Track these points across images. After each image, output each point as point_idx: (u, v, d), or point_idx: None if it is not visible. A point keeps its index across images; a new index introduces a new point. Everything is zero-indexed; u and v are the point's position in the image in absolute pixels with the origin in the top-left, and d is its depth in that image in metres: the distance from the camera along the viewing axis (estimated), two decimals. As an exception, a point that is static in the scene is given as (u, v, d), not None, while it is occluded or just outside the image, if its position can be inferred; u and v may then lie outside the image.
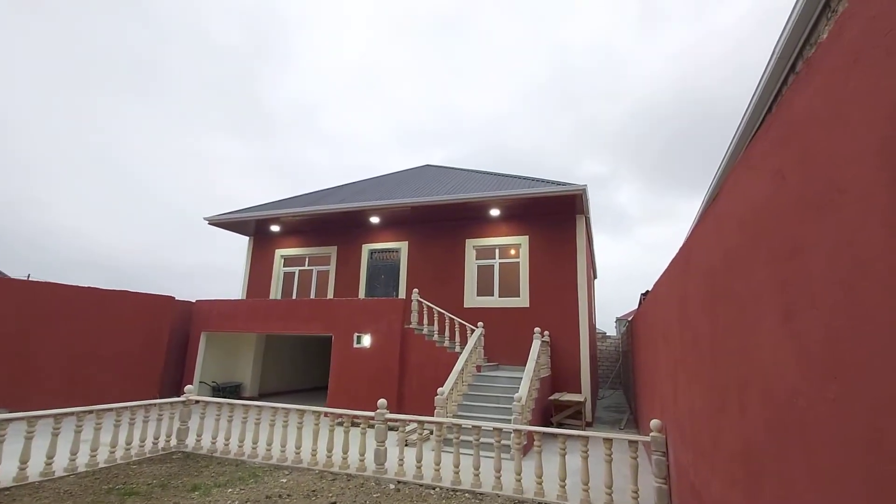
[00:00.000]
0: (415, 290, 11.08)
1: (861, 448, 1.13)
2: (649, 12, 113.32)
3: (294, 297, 14.36)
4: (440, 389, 7.79)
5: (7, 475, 5.10)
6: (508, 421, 7.44)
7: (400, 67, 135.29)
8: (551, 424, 9.14)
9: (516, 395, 7.22)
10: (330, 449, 6.15)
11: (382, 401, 6.29)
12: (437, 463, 5.68)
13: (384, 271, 13.56)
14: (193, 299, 12.89)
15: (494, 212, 12.06)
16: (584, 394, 10.25)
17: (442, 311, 10.77)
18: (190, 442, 7.00)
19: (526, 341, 9.72)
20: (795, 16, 3.67)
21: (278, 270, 14.95)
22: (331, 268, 14.20)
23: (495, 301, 11.92)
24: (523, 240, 12.00)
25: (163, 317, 11.64)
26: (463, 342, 10.44)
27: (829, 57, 1.36)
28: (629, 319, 16.76)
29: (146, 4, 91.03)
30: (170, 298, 11.91)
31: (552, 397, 9.60)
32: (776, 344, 1.68)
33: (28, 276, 9.89)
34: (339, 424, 8.11)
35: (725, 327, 2.36)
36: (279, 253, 15.03)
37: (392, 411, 7.66)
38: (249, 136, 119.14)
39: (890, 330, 1.01)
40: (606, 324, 27.15)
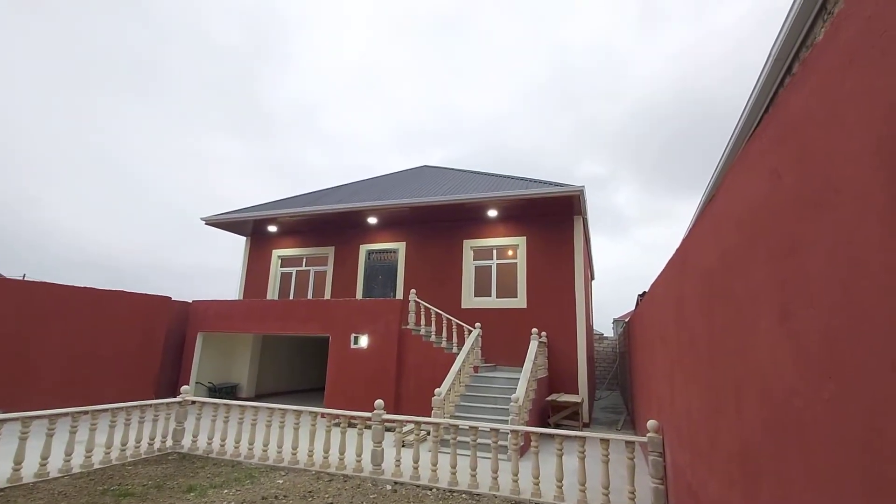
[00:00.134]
0: (412, 291, 11.07)
1: (858, 448, 1.13)
2: (649, 12, 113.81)
3: (291, 298, 14.33)
4: (437, 390, 7.78)
5: (1, 476, 5.07)
6: (506, 422, 7.43)
7: (400, 67, 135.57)
8: (548, 425, 9.14)
9: (513, 396, 7.22)
10: (326, 450, 6.14)
11: (379, 401, 6.28)
12: (434, 464, 5.68)
13: (382, 272, 13.54)
14: (191, 300, 12.87)
15: (492, 212, 12.06)
16: (582, 395, 10.26)
17: (439, 312, 10.76)
18: (186, 443, 6.97)
19: (523, 342, 9.72)
20: (792, 17, 3.68)
21: (275, 271, 14.92)
22: (328, 268, 14.18)
23: (493, 302, 11.93)
24: (521, 241, 12.01)
25: (159, 317, 11.60)
26: (460, 343, 10.44)
27: (825, 57, 1.36)
28: (626, 321, 16.79)
29: (146, 4, 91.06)
30: (166, 299, 11.87)
31: (549, 398, 9.60)
32: (773, 344, 1.68)
33: (24, 276, 9.82)
34: (336, 425, 8.09)
35: (722, 327, 2.36)
36: (276, 253, 15.00)
37: (389, 412, 7.64)
38: (249, 137, 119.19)
39: (887, 329, 1.01)
40: (604, 325, 27.21)
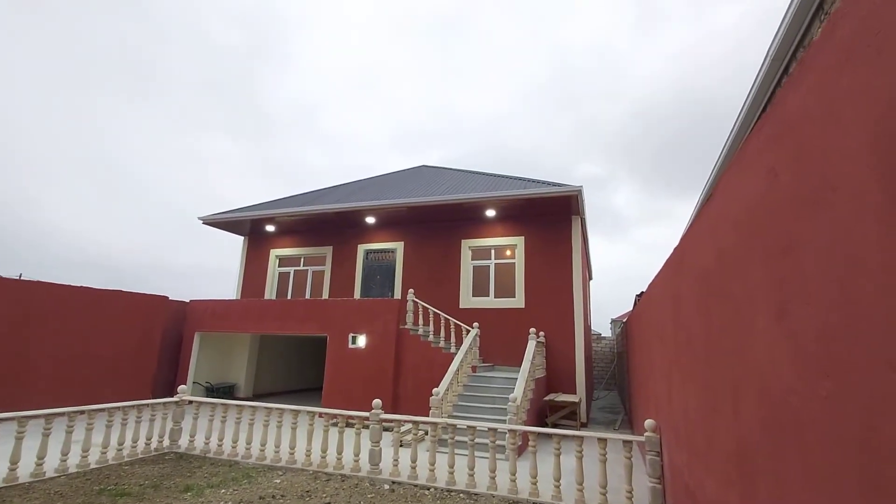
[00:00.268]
0: (410, 291, 11.06)
1: (855, 446, 1.13)
2: (649, 12, 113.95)
3: (289, 298, 14.30)
4: (435, 390, 7.78)
5: (-4, 476, 5.04)
6: (503, 421, 7.44)
7: (400, 67, 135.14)
8: (546, 425, 9.14)
9: (511, 396, 7.22)
10: (324, 449, 6.13)
11: (377, 401, 6.28)
12: (432, 463, 5.67)
13: (380, 272, 13.53)
14: (189, 299, 12.82)
15: (490, 212, 12.07)
16: (579, 394, 10.27)
17: (437, 312, 10.76)
18: (183, 443, 6.95)
19: (521, 342, 9.73)
20: (789, 18, 3.69)
21: (273, 270, 14.89)
22: (326, 268, 14.16)
23: (491, 302, 11.93)
24: (519, 240, 12.02)
25: (156, 317, 11.57)
26: (458, 343, 10.43)
27: (822, 56, 1.37)
28: (624, 321, 16.82)
29: (146, 4, 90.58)
30: (163, 298, 11.83)
31: (547, 398, 9.61)
32: (770, 342, 1.68)
33: (20, 276, 9.77)
34: (334, 425, 8.07)
35: (719, 327, 2.37)
36: (274, 253, 14.97)
37: (387, 412, 7.63)
38: (249, 137, 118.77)
39: (884, 327, 1.02)
40: (602, 325, 27.24)
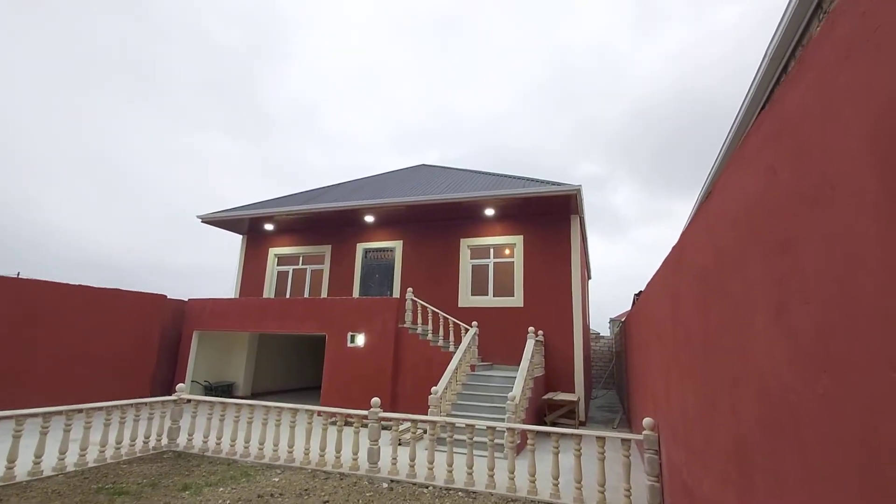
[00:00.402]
0: (409, 290, 11.06)
1: (851, 442, 1.14)
2: (648, 12, 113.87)
3: (288, 296, 14.29)
4: (434, 388, 7.78)
5: (-6, 475, 5.03)
6: (502, 420, 7.44)
7: (400, 67, 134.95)
8: (545, 424, 9.15)
9: (510, 395, 7.22)
10: (323, 448, 6.13)
11: (376, 399, 6.27)
12: (431, 462, 5.67)
13: (378, 270, 13.52)
14: (187, 298, 12.80)
15: (489, 211, 12.06)
16: (578, 393, 10.28)
17: (436, 311, 10.75)
18: (181, 441, 6.94)
19: (520, 341, 9.74)
20: (788, 16, 3.70)
21: (272, 269, 14.87)
22: (325, 267, 14.14)
23: (489, 301, 11.93)
24: (518, 239, 12.02)
25: (155, 315, 11.54)
26: (457, 342, 10.43)
27: (821, 53, 1.37)
28: (622, 320, 16.84)
29: (146, 4, 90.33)
30: (162, 297, 11.81)
31: (546, 396, 9.62)
32: (768, 340, 1.69)
33: (18, 274, 9.74)
34: (333, 423, 8.07)
35: (718, 325, 2.37)
36: (273, 252, 14.95)
37: (386, 410, 7.64)
38: (249, 137, 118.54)
39: (883, 325, 1.02)
40: (601, 324, 27.29)
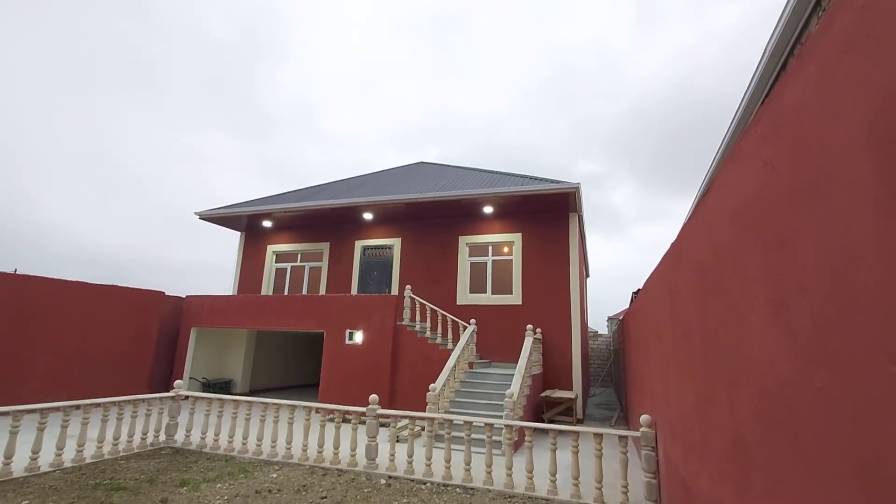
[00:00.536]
0: (407, 287, 11.06)
1: (849, 438, 1.14)
2: (648, 12, 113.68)
3: (286, 294, 14.28)
4: (432, 386, 7.79)
5: (-9, 470, 5.02)
6: (500, 417, 7.45)
7: (399, 67, 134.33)
8: (543, 421, 9.17)
9: (508, 392, 7.23)
10: (321, 444, 6.13)
11: (374, 396, 6.28)
12: (429, 458, 5.68)
13: (377, 268, 13.52)
14: (185, 295, 12.77)
15: (488, 209, 12.06)
16: (576, 391, 10.30)
17: (434, 308, 10.76)
18: (179, 437, 6.94)
19: (518, 339, 9.75)
20: (787, 13, 3.69)
21: (270, 266, 14.85)
22: (323, 264, 14.13)
23: (488, 298, 11.94)
24: (516, 237, 12.03)
25: (152, 312, 11.51)
26: (455, 339, 10.44)
27: (820, 47, 1.36)
28: (621, 318, 16.86)
29: (146, 4, 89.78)
30: (160, 293, 11.78)
31: (544, 394, 9.63)
32: (766, 336, 1.69)
33: (15, 271, 9.71)
34: (331, 420, 8.09)
35: (716, 321, 2.37)
36: (271, 249, 14.93)
37: (384, 407, 7.63)
38: (249, 136, 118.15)
39: (881, 318, 1.02)
40: (599, 323, 27.24)
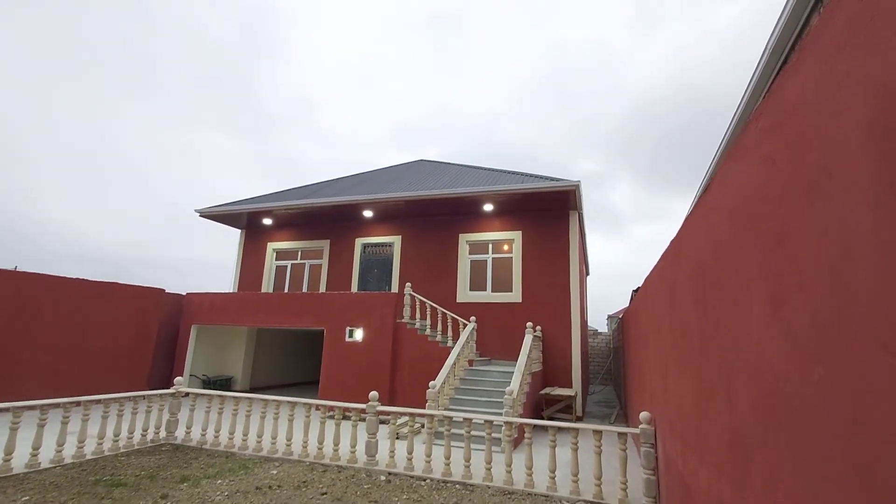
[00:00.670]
0: (407, 285, 11.07)
1: (846, 432, 1.14)
2: (648, 11, 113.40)
3: (286, 291, 14.29)
4: (432, 383, 7.80)
5: (-9, 466, 5.03)
6: (500, 414, 7.46)
7: (399, 65, 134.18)
8: (542, 418, 9.19)
9: (508, 389, 7.24)
10: (321, 441, 6.15)
11: (374, 393, 6.29)
12: (428, 455, 5.70)
13: (377, 265, 13.52)
14: (185, 292, 12.78)
15: (488, 207, 12.05)
16: (575, 388, 10.32)
17: (434, 306, 10.77)
18: (180, 434, 6.96)
19: (518, 336, 9.76)
20: (788, 11, 3.69)
21: (270, 264, 14.85)
22: (323, 261, 14.14)
23: (488, 296, 11.94)
24: (516, 235, 12.03)
25: (152, 309, 11.52)
26: (455, 337, 10.46)
27: (820, 42, 1.36)
28: (620, 316, 16.87)
29: (146, 4, 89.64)
30: (160, 291, 11.79)
31: (543, 391, 9.65)
32: (764, 331, 1.69)
33: (15, 268, 9.71)
34: (331, 417, 8.11)
35: (715, 317, 2.37)
36: (271, 246, 14.93)
37: (384, 404, 7.66)
38: (249, 134, 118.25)
39: (879, 312, 1.02)
40: (599, 321, 27.23)
